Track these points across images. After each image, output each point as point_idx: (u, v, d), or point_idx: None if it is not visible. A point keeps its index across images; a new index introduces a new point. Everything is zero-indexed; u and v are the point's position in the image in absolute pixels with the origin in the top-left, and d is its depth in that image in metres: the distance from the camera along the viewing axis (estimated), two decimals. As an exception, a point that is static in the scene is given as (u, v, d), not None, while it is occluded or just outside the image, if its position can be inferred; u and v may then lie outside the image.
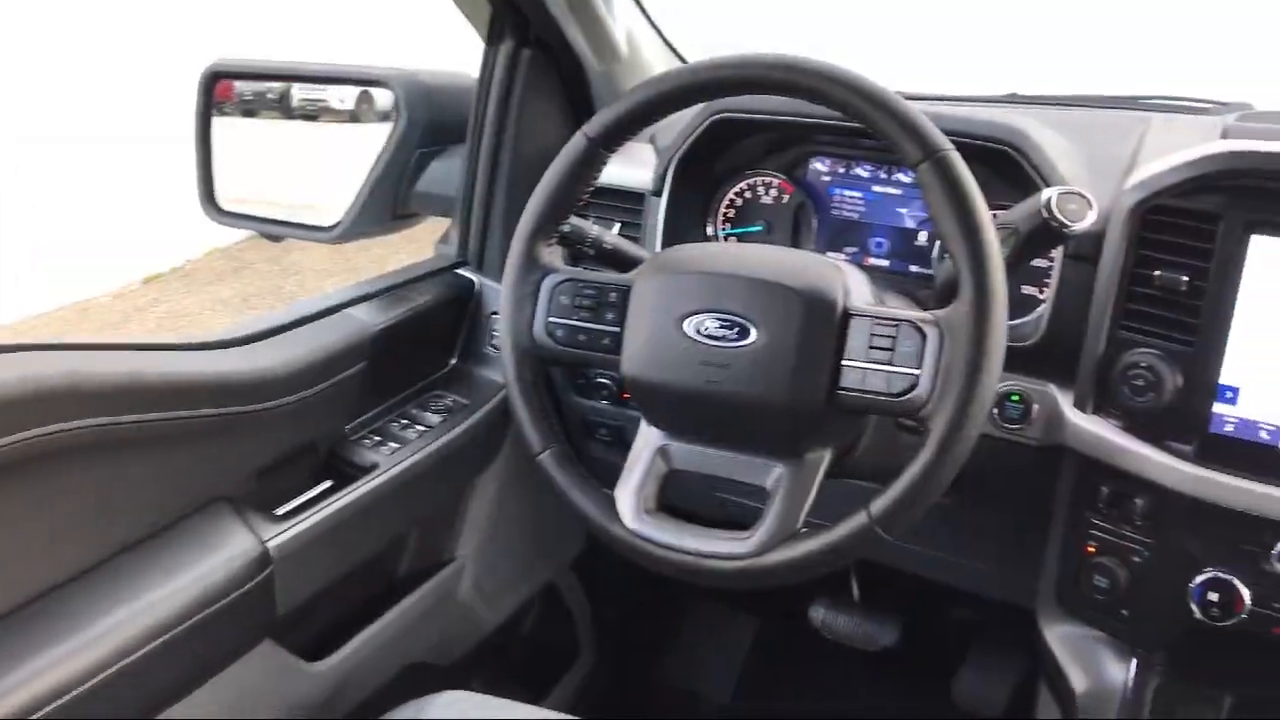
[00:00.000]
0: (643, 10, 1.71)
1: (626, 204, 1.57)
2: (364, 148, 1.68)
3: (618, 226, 1.56)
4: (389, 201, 1.70)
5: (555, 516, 1.91)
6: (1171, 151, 1.24)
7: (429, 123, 1.70)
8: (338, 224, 1.67)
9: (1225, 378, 1.19)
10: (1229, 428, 1.20)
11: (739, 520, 1.13)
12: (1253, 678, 1.30)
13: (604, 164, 1.21)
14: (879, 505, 1.04)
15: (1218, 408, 1.20)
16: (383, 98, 1.70)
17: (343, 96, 1.77)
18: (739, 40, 1.25)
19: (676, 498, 1.17)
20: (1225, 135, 1.27)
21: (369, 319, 1.51)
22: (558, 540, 1.97)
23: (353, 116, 1.76)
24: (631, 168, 1.55)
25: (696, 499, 1.55)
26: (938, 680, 1.95)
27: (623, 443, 1.64)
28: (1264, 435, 1.18)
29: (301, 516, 1.35)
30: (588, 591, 2.10)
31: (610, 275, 1.20)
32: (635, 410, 1.58)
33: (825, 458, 1.12)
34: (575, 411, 1.68)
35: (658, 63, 1.72)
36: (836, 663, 2.09)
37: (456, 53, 1.79)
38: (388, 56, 1.75)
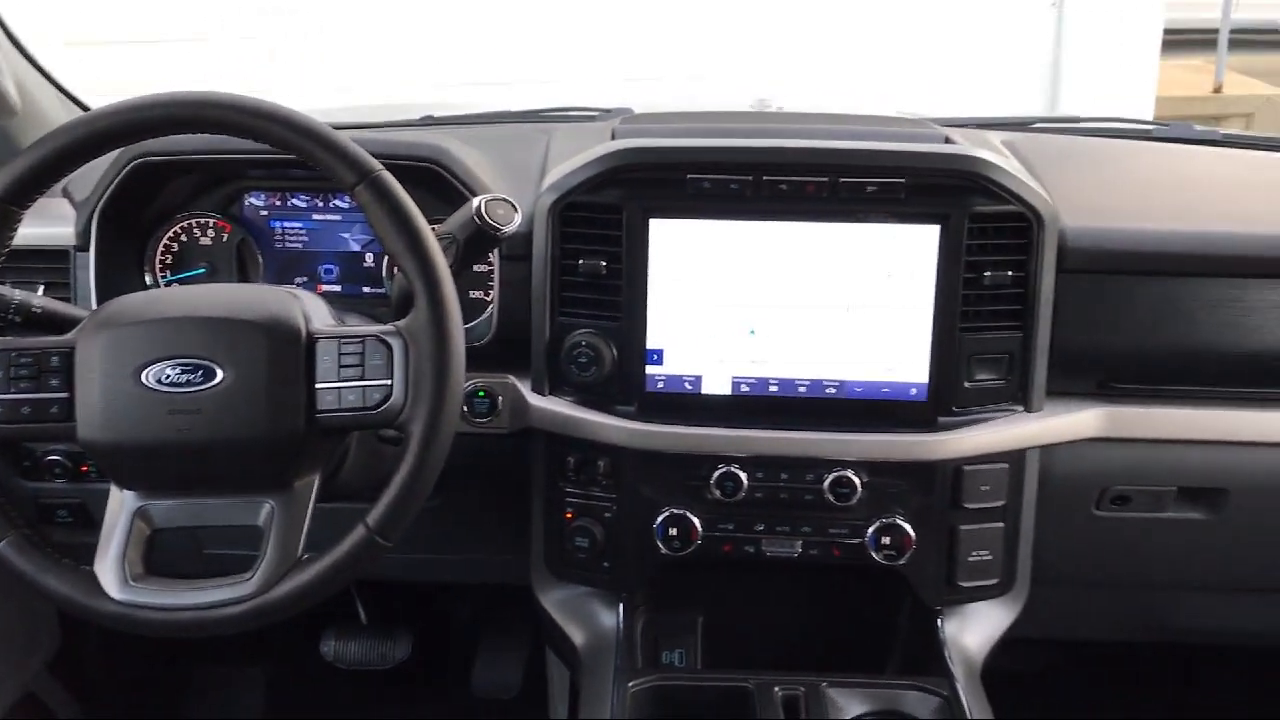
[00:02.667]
0: (30, 59, 1.59)
1: (48, 264, 1.46)
2: None
3: (42, 289, 1.44)
4: None
5: (19, 617, 1.72)
6: (574, 155, 1.40)
7: None
8: None
9: (651, 343, 1.38)
10: (660, 385, 1.39)
11: (238, 568, 1.12)
12: (716, 594, 1.52)
13: (18, 224, 1.13)
14: (375, 516, 1.08)
15: (649, 369, 1.38)
16: None
17: None
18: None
19: (165, 562, 1.13)
20: (614, 136, 1.45)
21: None
22: (27, 643, 1.77)
23: None
24: (48, 225, 1.44)
25: (187, 557, 1.49)
26: (457, 678, 2.02)
27: (90, 521, 1.52)
28: (687, 386, 1.39)
29: None
30: (74, 693, 1.91)
31: (46, 339, 1.12)
32: (98, 483, 1.48)
33: (314, 482, 1.13)
34: (24, 498, 1.53)
35: (57, 113, 1.61)
36: (356, 689, 2.09)
37: None
38: None
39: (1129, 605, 1.61)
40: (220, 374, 1.08)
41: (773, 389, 1.38)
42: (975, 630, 1.43)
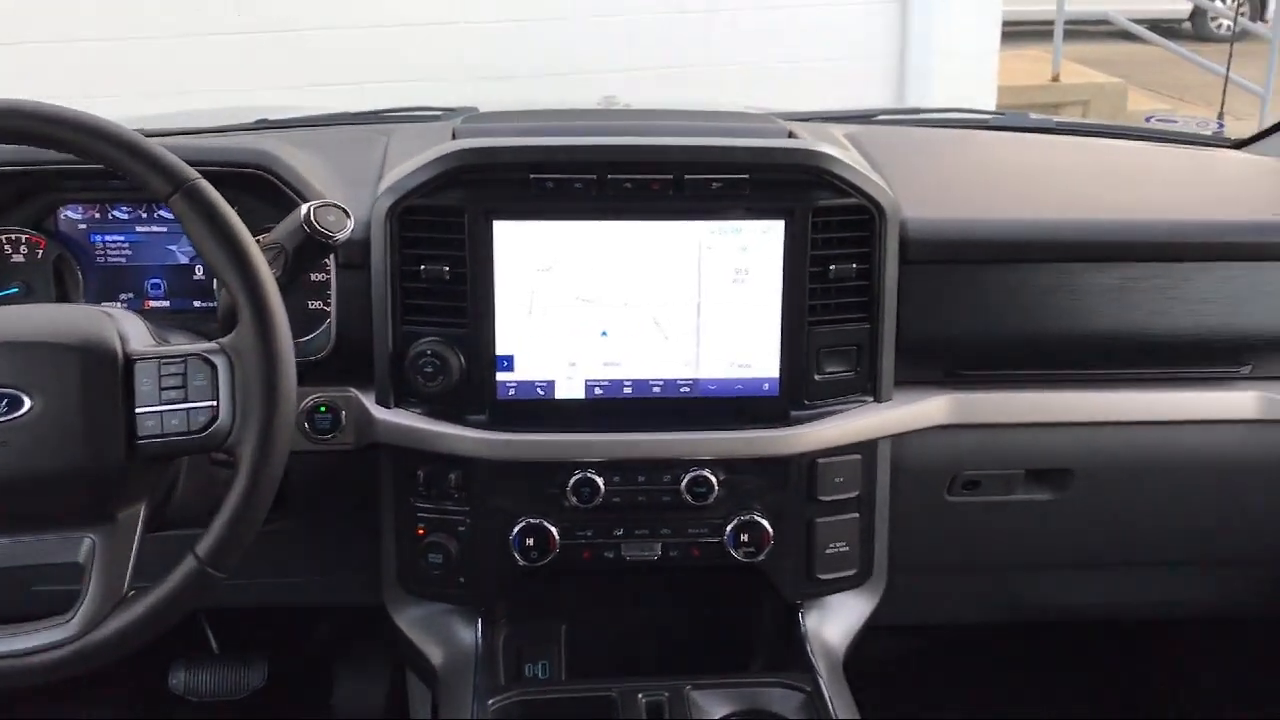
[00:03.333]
0: None
1: None
2: None
3: None
4: None
5: None
6: (413, 156, 1.35)
7: None
8: None
9: (501, 349, 1.34)
10: (512, 392, 1.35)
11: (69, 606, 1.05)
12: (578, 603, 1.49)
13: None
14: (205, 545, 1.03)
15: (500, 376, 1.34)
16: None
17: None
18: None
19: None
20: (456, 136, 1.41)
21: None
22: None
23: None
24: None
25: (13, 595, 1.39)
26: (316, 703, 1.95)
27: None
28: (540, 392, 1.35)
29: None
30: None
31: None
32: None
33: (140, 513, 1.07)
34: None
35: None
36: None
37: None
38: None
39: (984, 587, 1.64)
40: (28, 402, 1.01)
41: (627, 391, 1.36)
42: (836, 622, 1.44)
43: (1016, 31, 5.73)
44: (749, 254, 1.33)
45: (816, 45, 4.17)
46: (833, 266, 1.34)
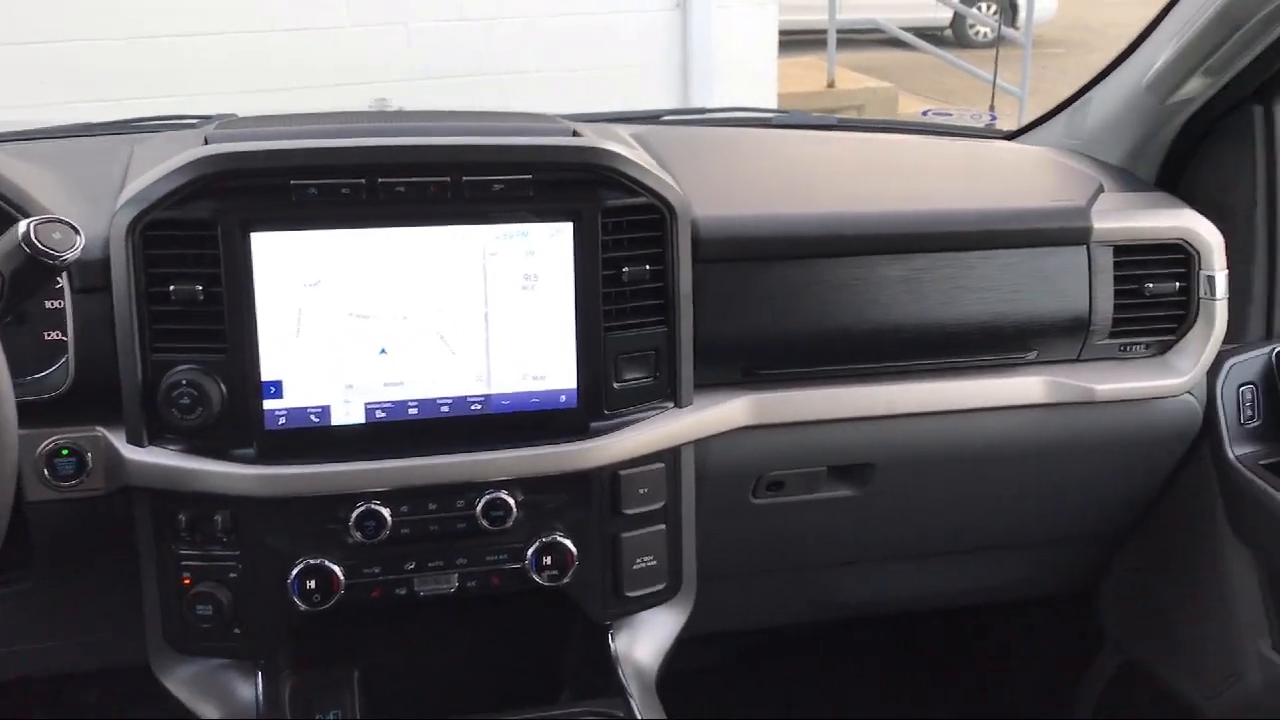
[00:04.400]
0: None
1: None
2: None
3: None
4: None
5: None
6: (158, 165, 1.22)
7: None
8: None
9: (267, 374, 1.22)
10: (282, 421, 1.23)
11: None
12: (371, 644, 1.38)
13: None
14: None
15: (268, 404, 1.22)
16: None
17: None
18: None
19: None
20: (207, 143, 1.28)
21: None
22: None
23: None
24: None
25: None
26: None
27: None
28: (314, 418, 1.24)
29: None
30: None
31: None
32: None
33: None
34: None
35: None
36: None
37: None
38: None
39: (795, 588, 1.62)
40: None
41: (412, 412, 1.26)
42: (647, 640, 1.39)
43: (793, 40, 5.90)
44: (537, 258, 1.26)
45: (600, 52, 4.15)
46: (625, 269, 1.28)
